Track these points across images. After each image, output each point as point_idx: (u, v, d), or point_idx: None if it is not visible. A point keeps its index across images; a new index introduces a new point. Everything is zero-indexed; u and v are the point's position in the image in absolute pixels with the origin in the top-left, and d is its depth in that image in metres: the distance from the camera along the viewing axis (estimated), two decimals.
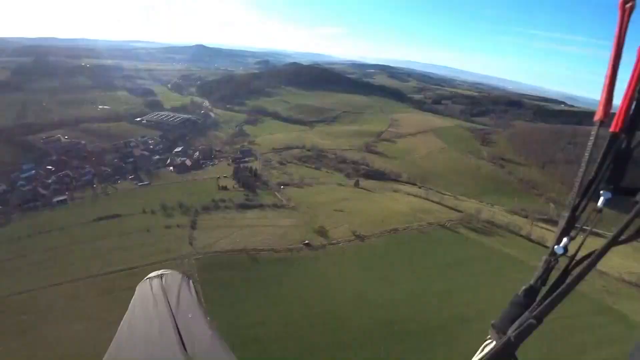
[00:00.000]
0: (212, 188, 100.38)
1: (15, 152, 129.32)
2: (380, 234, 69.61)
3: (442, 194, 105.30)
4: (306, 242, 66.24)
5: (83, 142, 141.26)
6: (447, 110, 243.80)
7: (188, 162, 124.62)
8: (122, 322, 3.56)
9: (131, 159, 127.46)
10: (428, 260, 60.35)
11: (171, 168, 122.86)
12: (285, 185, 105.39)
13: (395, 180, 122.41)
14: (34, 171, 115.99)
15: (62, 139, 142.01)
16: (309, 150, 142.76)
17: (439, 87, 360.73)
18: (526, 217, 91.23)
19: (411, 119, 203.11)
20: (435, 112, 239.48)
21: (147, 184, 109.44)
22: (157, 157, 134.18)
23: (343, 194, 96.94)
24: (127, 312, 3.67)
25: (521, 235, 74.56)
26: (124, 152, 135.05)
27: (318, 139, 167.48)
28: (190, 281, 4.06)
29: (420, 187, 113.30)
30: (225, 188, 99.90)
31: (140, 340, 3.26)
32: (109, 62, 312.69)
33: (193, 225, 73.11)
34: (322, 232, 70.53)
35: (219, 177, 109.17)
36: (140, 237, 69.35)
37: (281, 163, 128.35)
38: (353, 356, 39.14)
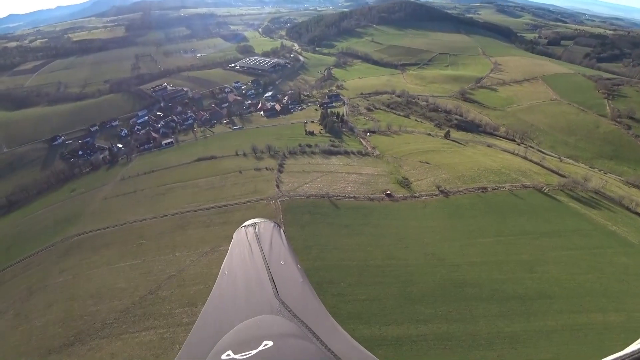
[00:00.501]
0: (299, 132, 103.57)
1: (132, 100, 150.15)
2: (466, 191, 65.31)
3: (544, 153, 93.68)
4: (388, 192, 65.30)
5: (185, 89, 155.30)
6: (567, 53, 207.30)
7: (277, 107, 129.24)
8: (222, 266, 3.88)
9: (226, 104, 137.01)
10: (516, 226, 55.20)
11: (262, 113, 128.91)
12: (372, 132, 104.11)
13: (491, 134, 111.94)
14: (146, 117, 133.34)
15: (168, 87, 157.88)
16: (398, 96, 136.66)
17: (559, 23, 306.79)
18: None
19: (518, 63, 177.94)
20: (551, 55, 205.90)
21: (239, 128, 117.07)
22: (249, 101, 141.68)
23: (431, 145, 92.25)
24: (226, 257, 4.00)
25: (638, 214, 62.81)
26: (219, 98, 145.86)
27: (409, 83, 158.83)
28: (282, 230, 4.24)
29: (519, 144, 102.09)
30: (312, 133, 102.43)
31: (240, 283, 3.52)
32: (204, 10, 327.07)
33: (280, 169, 76.79)
34: (405, 184, 68.94)
35: (306, 122, 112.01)
36: (233, 178, 75.37)
37: (369, 109, 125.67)
38: (421, 311, 39.31)
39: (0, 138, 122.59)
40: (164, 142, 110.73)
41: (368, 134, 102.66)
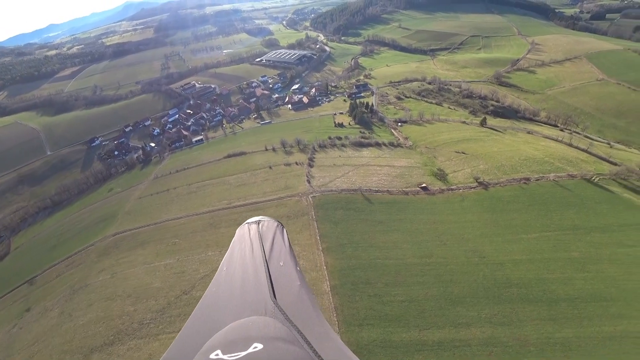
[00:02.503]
0: (328, 125, 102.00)
1: (162, 99, 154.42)
2: (507, 183, 61.51)
3: (592, 139, 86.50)
4: (423, 185, 62.85)
5: (213, 86, 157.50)
6: (614, 27, 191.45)
7: (305, 100, 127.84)
8: (222, 262, 3.78)
9: (253, 99, 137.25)
10: (564, 220, 51.16)
11: (289, 106, 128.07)
12: (403, 122, 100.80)
13: (531, 120, 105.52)
14: (177, 115, 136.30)
15: (197, 85, 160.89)
16: (429, 83, 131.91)
17: None
18: None
19: (558, 41, 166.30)
20: (595, 31, 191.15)
21: (268, 122, 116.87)
22: (276, 95, 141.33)
23: (467, 134, 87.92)
24: (226, 253, 3.88)
25: None
26: (247, 93, 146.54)
27: (440, 69, 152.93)
28: (284, 230, 4.15)
29: (562, 130, 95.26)
30: (341, 125, 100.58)
31: (237, 281, 3.41)
32: (228, 6, 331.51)
33: (310, 163, 75.71)
34: (440, 176, 66.04)
35: (334, 114, 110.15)
36: (263, 174, 75.11)
37: (399, 98, 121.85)
38: (463, 313, 37.03)
39: (44, 141, 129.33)
40: (194, 139, 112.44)
41: (399, 123, 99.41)
